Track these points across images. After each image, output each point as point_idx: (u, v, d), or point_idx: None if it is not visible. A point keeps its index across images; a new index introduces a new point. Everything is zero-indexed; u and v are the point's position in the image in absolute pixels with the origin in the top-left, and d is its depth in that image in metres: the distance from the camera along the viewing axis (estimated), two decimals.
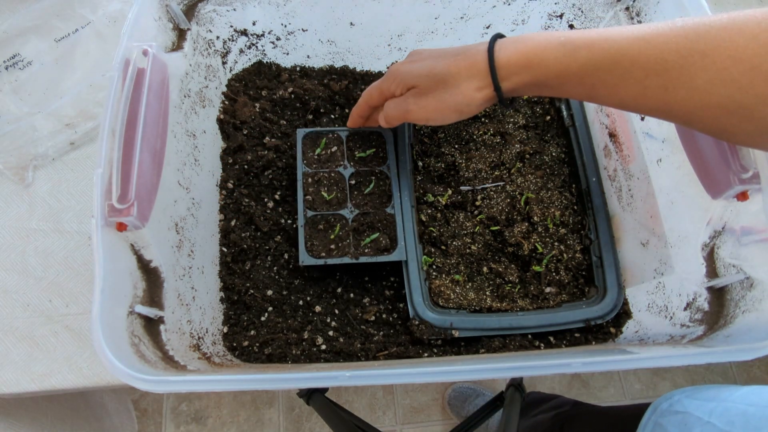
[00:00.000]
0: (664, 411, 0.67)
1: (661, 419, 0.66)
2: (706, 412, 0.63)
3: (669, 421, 0.65)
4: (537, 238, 0.76)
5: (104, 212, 0.48)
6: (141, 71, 0.55)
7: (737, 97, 0.40)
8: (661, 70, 0.43)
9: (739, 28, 0.40)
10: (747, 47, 0.39)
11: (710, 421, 0.61)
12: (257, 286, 0.73)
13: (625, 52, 0.45)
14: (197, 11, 0.70)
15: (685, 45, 0.42)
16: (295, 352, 0.69)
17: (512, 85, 0.53)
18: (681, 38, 0.42)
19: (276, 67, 0.87)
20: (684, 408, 0.65)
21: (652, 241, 0.70)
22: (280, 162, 0.80)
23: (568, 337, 0.73)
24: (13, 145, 0.77)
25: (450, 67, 0.55)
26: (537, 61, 0.50)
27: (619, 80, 0.46)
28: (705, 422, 0.62)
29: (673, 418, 0.65)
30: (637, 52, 0.44)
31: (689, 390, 0.69)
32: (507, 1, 0.79)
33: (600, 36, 0.47)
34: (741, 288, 0.55)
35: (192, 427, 1.50)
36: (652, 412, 0.68)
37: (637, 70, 0.44)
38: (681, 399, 0.68)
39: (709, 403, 0.64)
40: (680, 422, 0.64)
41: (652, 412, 0.69)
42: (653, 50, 0.43)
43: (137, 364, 0.46)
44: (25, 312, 0.71)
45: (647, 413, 0.69)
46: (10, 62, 0.82)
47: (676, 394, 0.69)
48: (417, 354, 0.70)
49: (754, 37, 0.39)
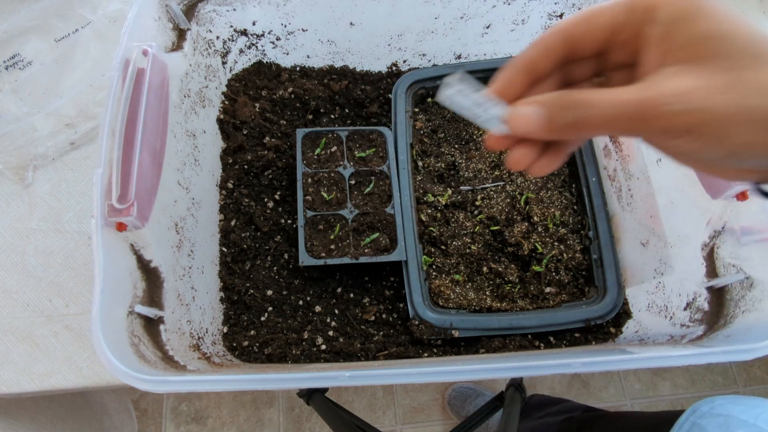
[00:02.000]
0: (704, 413, 0.66)
1: (701, 420, 0.65)
2: (752, 416, 0.61)
3: (710, 423, 0.63)
4: (537, 238, 0.76)
5: (104, 212, 0.48)
6: (141, 71, 0.54)
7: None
8: None
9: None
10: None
11: (756, 424, 0.60)
12: (257, 286, 0.73)
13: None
14: (197, 11, 0.70)
15: None
16: (295, 352, 0.69)
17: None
18: None
19: (276, 67, 0.87)
20: (726, 411, 0.64)
21: (652, 241, 0.70)
22: (280, 162, 0.80)
23: (568, 337, 0.73)
24: (13, 145, 0.77)
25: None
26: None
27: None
28: (750, 425, 0.60)
29: (714, 420, 0.64)
30: None
31: (731, 397, 0.68)
32: (507, 1, 0.79)
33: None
34: (741, 288, 0.55)
35: (192, 427, 1.50)
36: (691, 413, 0.67)
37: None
38: (724, 404, 0.66)
39: (755, 409, 0.63)
40: (722, 424, 0.62)
41: (691, 413, 0.67)
42: None
43: (137, 364, 0.46)
44: (25, 312, 0.71)
45: (685, 414, 0.67)
46: (10, 62, 0.82)
47: (719, 399, 0.68)
48: (417, 354, 0.70)
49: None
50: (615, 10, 0.29)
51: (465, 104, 0.31)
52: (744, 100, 0.25)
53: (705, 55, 0.26)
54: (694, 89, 0.26)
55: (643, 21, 0.28)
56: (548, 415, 1.05)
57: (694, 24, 0.27)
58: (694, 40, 0.27)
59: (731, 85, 0.26)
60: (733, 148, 0.26)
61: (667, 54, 0.28)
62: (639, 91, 0.27)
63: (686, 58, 0.27)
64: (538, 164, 0.33)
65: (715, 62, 0.26)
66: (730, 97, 0.25)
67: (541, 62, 0.31)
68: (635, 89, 0.27)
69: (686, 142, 0.27)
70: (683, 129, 0.26)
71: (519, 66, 0.31)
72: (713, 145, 0.26)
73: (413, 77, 0.83)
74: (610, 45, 0.31)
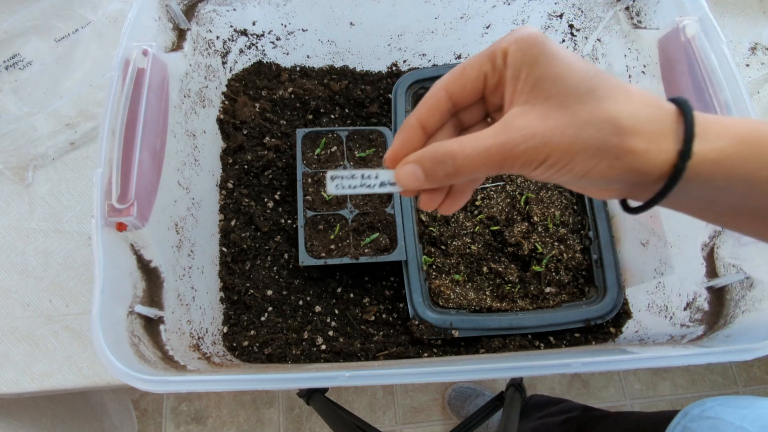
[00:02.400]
0: (695, 416, 0.67)
1: (691, 423, 0.66)
2: (739, 417, 0.62)
3: (699, 426, 0.64)
4: (537, 238, 0.76)
5: (104, 212, 0.48)
6: (141, 71, 0.54)
7: None
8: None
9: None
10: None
11: (743, 426, 0.61)
12: (257, 286, 0.73)
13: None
14: (197, 11, 0.70)
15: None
16: (295, 352, 0.69)
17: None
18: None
19: (276, 67, 0.87)
20: (716, 414, 0.65)
21: (652, 240, 0.70)
22: (280, 162, 0.80)
23: (568, 337, 0.73)
24: (13, 145, 0.77)
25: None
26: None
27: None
28: (737, 426, 0.61)
29: (704, 423, 0.64)
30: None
31: (722, 399, 0.69)
32: (507, 1, 0.79)
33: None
34: (741, 288, 0.55)
35: (192, 427, 1.50)
36: (682, 417, 0.68)
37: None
38: (713, 406, 0.67)
39: (742, 410, 0.63)
40: (711, 426, 0.63)
41: (683, 416, 0.68)
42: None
43: (137, 364, 0.46)
44: (25, 312, 0.71)
45: (677, 418, 0.68)
46: (10, 62, 0.82)
47: (709, 402, 0.69)
48: (417, 354, 0.70)
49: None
50: (481, 60, 0.33)
51: (354, 184, 0.36)
52: (579, 133, 0.29)
53: (543, 95, 0.30)
54: (540, 129, 0.30)
55: (503, 65, 0.32)
56: (548, 415, 1.05)
57: (533, 68, 0.30)
58: (534, 82, 0.30)
59: (568, 121, 0.29)
60: (578, 175, 0.30)
61: (516, 94, 0.32)
62: (496, 136, 0.31)
63: (529, 100, 0.31)
64: (444, 205, 0.37)
65: (553, 102, 0.30)
66: (567, 133, 0.29)
67: (432, 119, 0.35)
68: (492, 134, 0.31)
69: (543, 172, 0.31)
70: (537, 163, 0.30)
71: (412, 126, 0.35)
72: (564, 173, 0.31)
73: (413, 77, 0.83)
74: (486, 91, 0.34)
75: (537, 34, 0.31)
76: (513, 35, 0.31)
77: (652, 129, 0.29)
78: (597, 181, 0.31)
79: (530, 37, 0.31)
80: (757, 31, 0.93)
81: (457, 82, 0.34)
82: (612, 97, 0.30)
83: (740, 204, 0.31)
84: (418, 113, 0.35)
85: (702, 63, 0.56)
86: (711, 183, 0.30)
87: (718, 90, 0.54)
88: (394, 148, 0.35)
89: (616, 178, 0.30)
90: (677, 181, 0.30)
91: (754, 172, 0.29)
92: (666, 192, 0.30)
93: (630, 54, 0.73)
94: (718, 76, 0.54)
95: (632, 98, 0.30)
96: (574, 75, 0.30)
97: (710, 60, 0.55)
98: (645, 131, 0.29)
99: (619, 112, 0.29)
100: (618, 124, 0.29)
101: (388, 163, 0.35)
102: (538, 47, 0.30)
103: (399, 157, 0.34)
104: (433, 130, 0.35)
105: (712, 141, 0.29)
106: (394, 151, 0.35)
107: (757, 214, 0.32)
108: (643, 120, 0.29)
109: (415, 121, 0.35)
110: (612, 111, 0.29)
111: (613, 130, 0.29)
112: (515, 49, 0.31)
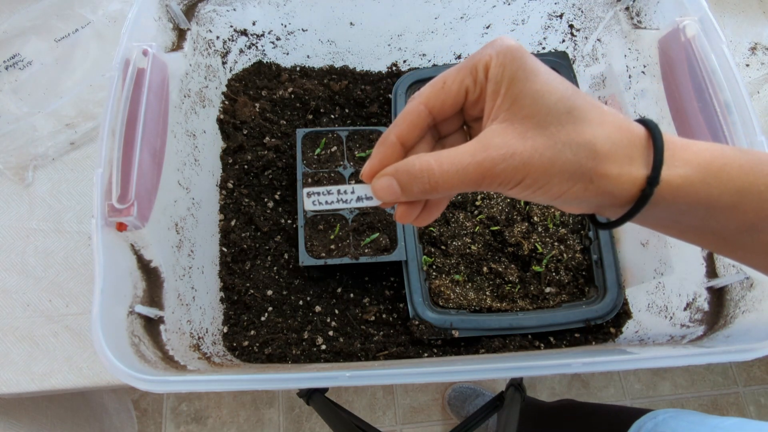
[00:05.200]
0: (649, 430, 0.67)
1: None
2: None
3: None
4: (537, 238, 0.76)
5: (104, 212, 0.48)
6: (141, 71, 0.54)
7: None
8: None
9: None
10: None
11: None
12: (257, 286, 0.73)
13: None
14: (197, 11, 0.70)
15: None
16: (295, 352, 0.69)
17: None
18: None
19: (276, 67, 0.87)
20: (671, 429, 0.65)
21: (651, 241, 0.70)
22: (280, 162, 0.80)
23: (568, 337, 0.73)
24: (13, 145, 0.77)
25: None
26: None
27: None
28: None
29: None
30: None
31: (673, 412, 0.69)
32: (507, 1, 0.79)
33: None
34: (741, 288, 0.55)
35: (192, 427, 1.50)
36: (637, 431, 0.69)
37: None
38: (666, 419, 0.67)
39: (698, 427, 0.64)
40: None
41: (637, 430, 0.69)
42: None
43: (137, 364, 0.46)
44: (25, 312, 0.71)
45: (631, 430, 0.69)
46: (10, 62, 0.82)
47: (661, 414, 0.69)
48: (417, 354, 0.70)
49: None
50: (462, 74, 0.33)
51: (330, 200, 0.36)
52: (557, 156, 0.29)
53: (523, 114, 0.30)
54: (519, 149, 0.30)
55: (484, 80, 0.32)
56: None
57: (513, 84, 0.30)
58: (514, 99, 0.30)
59: (546, 143, 0.29)
60: (554, 195, 0.31)
61: (495, 110, 0.31)
62: (474, 154, 0.30)
63: (508, 117, 0.31)
64: (419, 217, 0.37)
65: (532, 121, 0.30)
66: (546, 155, 0.29)
67: (411, 133, 0.35)
68: (471, 152, 0.31)
69: (520, 192, 0.31)
70: (515, 183, 0.30)
71: (392, 143, 0.35)
72: (540, 193, 0.31)
73: (413, 77, 0.83)
74: (466, 104, 0.34)
75: (517, 47, 0.31)
76: (494, 47, 0.31)
77: (624, 153, 0.30)
78: (570, 201, 0.32)
79: (510, 50, 0.30)
80: (757, 31, 0.93)
81: (438, 97, 0.34)
82: (588, 119, 0.30)
83: (702, 225, 0.33)
84: (397, 129, 0.35)
85: (702, 63, 0.56)
86: (675, 206, 0.31)
87: (718, 90, 0.54)
88: (371, 164, 0.35)
89: (587, 199, 0.31)
90: (644, 204, 0.31)
91: (715, 199, 0.31)
92: (633, 213, 0.32)
93: (630, 54, 0.73)
94: (718, 76, 0.54)
95: (605, 120, 0.30)
96: (552, 94, 0.30)
97: (710, 60, 0.55)
98: (617, 156, 0.30)
99: (594, 137, 0.30)
100: (594, 149, 0.30)
101: (365, 177, 0.35)
102: (517, 62, 0.30)
103: (376, 172, 0.35)
104: (412, 145, 0.36)
105: (678, 167, 0.30)
106: (372, 168, 0.35)
107: (717, 235, 0.33)
108: (616, 144, 0.30)
109: (394, 138, 0.35)
110: (588, 135, 0.30)
111: (589, 154, 0.30)
112: (496, 63, 0.31)
